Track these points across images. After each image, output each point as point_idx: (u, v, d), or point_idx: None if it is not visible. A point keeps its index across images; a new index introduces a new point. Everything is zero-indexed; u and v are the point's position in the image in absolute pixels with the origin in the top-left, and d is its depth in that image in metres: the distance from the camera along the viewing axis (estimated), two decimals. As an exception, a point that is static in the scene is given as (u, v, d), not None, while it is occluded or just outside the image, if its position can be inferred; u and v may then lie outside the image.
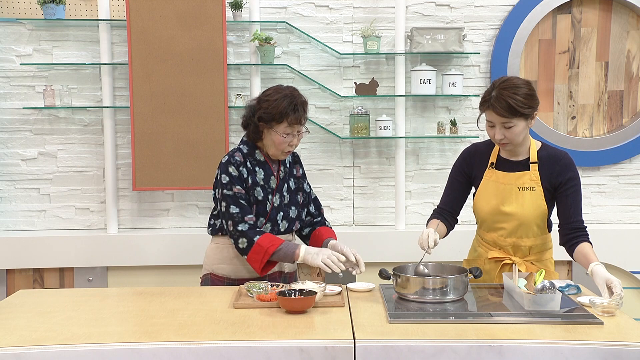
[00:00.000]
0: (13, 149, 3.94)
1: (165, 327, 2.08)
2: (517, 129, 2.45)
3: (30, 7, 3.86)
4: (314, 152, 4.01)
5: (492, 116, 2.45)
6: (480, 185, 2.62)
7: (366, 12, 3.96)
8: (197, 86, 3.74)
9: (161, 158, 3.77)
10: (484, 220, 2.63)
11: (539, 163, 2.54)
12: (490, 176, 2.60)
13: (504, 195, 2.55)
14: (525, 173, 2.54)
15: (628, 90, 4.04)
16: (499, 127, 2.46)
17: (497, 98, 2.41)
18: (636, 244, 3.90)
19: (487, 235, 2.63)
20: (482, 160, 2.64)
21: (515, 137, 2.46)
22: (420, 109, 4.02)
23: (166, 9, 3.71)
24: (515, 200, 2.53)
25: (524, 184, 2.53)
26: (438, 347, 1.92)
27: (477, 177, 2.64)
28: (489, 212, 2.59)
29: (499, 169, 2.58)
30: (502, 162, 2.59)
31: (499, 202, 2.56)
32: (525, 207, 2.52)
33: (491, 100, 2.43)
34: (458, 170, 2.70)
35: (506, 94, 2.40)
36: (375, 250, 3.82)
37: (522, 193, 2.53)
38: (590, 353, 1.91)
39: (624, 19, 3.98)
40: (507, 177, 2.56)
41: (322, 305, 2.29)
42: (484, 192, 2.60)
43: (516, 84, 2.44)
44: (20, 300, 2.46)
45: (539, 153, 2.55)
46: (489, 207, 2.58)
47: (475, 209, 2.65)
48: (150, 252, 3.82)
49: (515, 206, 2.53)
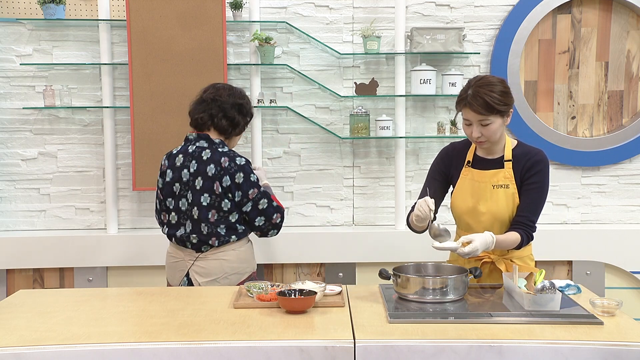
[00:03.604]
0: (13, 149, 3.94)
1: (165, 327, 2.08)
2: (493, 126, 2.48)
3: (30, 7, 3.86)
4: (314, 152, 4.01)
5: (469, 114, 2.49)
6: (457, 184, 2.66)
7: (366, 12, 3.96)
8: (197, 86, 3.70)
9: (161, 158, 3.75)
10: (461, 218, 2.65)
11: (513, 161, 2.56)
12: (466, 174, 2.63)
13: (479, 193, 2.57)
14: (499, 171, 2.56)
15: (628, 90, 4.04)
16: (476, 125, 2.49)
17: (474, 96, 2.45)
18: (636, 244, 3.90)
19: (465, 233, 2.64)
20: (460, 159, 2.67)
21: (492, 135, 2.49)
22: (420, 109, 4.02)
23: (166, 9, 3.72)
24: (490, 197, 2.55)
25: (498, 181, 2.55)
26: (438, 347, 1.92)
27: (455, 175, 2.67)
28: (465, 210, 2.61)
29: (475, 167, 2.61)
30: (478, 161, 2.62)
31: (474, 200, 2.58)
32: (500, 204, 2.54)
33: (468, 98, 2.47)
34: (436, 169, 2.72)
35: (482, 92, 2.44)
36: (375, 250, 3.82)
37: (497, 191, 2.55)
38: (590, 353, 1.91)
39: (624, 19, 3.98)
40: (482, 175, 2.58)
41: (322, 305, 2.29)
42: (460, 191, 2.63)
43: (491, 81, 2.48)
44: (20, 300, 2.45)
45: (513, 151, 2.58)
46: (465, 205, 2.61)
47: (452, 207, 2.68)
48: (150, 252, 3.82)
49: (489, 204, 2.55)
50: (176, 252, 2.89)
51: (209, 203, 2.78)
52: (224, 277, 2.83)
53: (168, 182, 2.86)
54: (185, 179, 2.81)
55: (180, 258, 2.87)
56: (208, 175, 2.77)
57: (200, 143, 2.84)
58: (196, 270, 2.83)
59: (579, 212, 4.08)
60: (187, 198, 2.81)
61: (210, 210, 2.78)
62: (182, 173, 2.82)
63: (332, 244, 3.85)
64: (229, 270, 2.84)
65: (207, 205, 2.78)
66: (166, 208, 2.89)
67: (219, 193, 2.77)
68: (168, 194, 2.87)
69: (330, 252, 3.85)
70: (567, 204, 4.07)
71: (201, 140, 2.84)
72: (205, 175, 2.78)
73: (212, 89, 2.89)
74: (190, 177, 2.80)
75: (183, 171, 2.82)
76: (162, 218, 2.94)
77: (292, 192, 4.02)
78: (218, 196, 2.77)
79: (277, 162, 3.98)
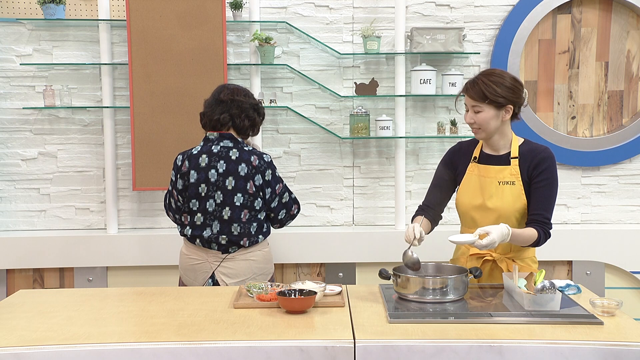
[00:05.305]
0: (13, 149, 3.94)
1: (165, 327, 2.08)
2: (484, 115, 2.50)
3: (30, 7, 3.86)
4: (314, 152, 4.01)
5: (466, 99, 2.56)
6: (463, 180, 2.66)
7: (366, 12, 3.96)
8: (197, 86, 3.75)
9: (161, 158, 3.77)
10: (466, 215, 2.65)
11: (520, 158, 2.57)
12: (472, 170, 2.64)
13: (485, 189, 2.58)
14: (505, 167, 2.57)
15: (628, 90, 4.04)
16: (470, 111, 2.54)
17: (473, 82, 2.52)
18: (636, 244, 3.90)
19: (469, 231, 2.63)
20: (467, 157, 2.68)
21: (483, 123, 2.51)
22: (420, 109, 4.02)
23: (166, 9, 3.72)
24: (496, 193, 2.55)
25: (504, 178, 2.56)
26: (438, 347, 1.92)
27: (461, 172, 2.68)
28: (470, 205, 2.61)
29: (481, 163, 2.62)
30: (485, 157, 2.63)
31: (480, 195, 2.58)
32: (505, 201, 2.54)
33: (468, 84, 2.54)
34: (444, 168, 2.73)
35: (481, 80, 2.50)
36: (375, 250, 3.82)
37: (502, 187, 2.55)
38: (590, 353, 1.91)
39: (624, 19, 3.98)
40: (488, 171, 2.59)
41: (322, 305, 2.29)
42: (467, 186, 2.64)
43: (499, 74, 2.52)
44: (20, 300, 2.45)
45: (520, 148, 2.59)
46: (470, 200, 2.61)
47: (457, 203, 2.68)
48: (150, 252, 3.82)
49: (495, 200, 2.55)
50: (197, 254, 2.87)
51: (242, 203, 2.80)
52: (252, 277, 2.84)
53: (193, 183, 2.82)
54: (214, 180, 2.80)
55: (202, 259, 2.86)
56: (240, 175, 2.78)
57: (224, 143, 2.84)
58: (223, 272, 2.83)
59: (579, 212, 4.08)
60: (214, 199, 2.80)
61: (243, 210, 2.80)
62: (210, 173, 2.81)
63: (332, 244, 3.85)
64: (257, 270, 2.86)
65: (240, 205, 2.80)
66: (189, 210, 2.86)
67: (253, 192, 2.80)
68: (192, 195, 2.83)
69: (330, 252, 3.85)
70: (567, 204, 4.07)
71: (225, 140, 2.84)
72: (237, 175, 2.78)
73: (227, 90, 2.88)
74: (220, 178, 2.79)
75: (210, 172, 2.81)
76: (182, 220, 2.90)
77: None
78: (251, 195, 2.80)
79: (277, 162, 3.98)
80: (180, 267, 2.95)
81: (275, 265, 3.89)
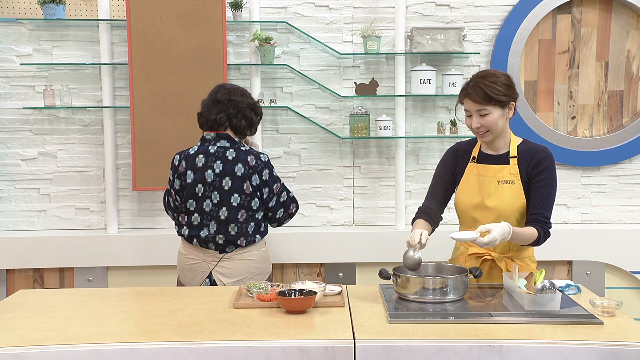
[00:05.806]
0: (13, 149, 3.94)
1: (165, 327, 2.08)
2: (492, 116, 2.49)
3: (30, 7, 3.86)
4: (314, 152, 4.01)
5: (468, 104, 2.53)
6: (462, 179, 2.66)
7: (366, 12, 3.96)
8: (197, 86, 3.74)
9: (161, 158, 3.77)
10: (465, 214, 2.65)
11: (519, 157, 2.57)
12: (471, 170, 2.64)
13: (484, 188, 2.58)
14: (504, 167, 2.57)
15: (628, 90, 4.04)
16: (475, 116, 2.52)
17: (474, 86, 2.50)
18: (636, 244, 3.90)
19: (468, 230, 2.63)
20: (465, 157, 2.68)
21: (491, 125, 2.50)
22: (420, 109, 4.02)
23: (166, 9, 3.72)
24: (495, 193, 2.55)
25: (503, 177, 2.56)
26: (438, 347, 1.92)
27: (460, 173, 2.68)
28: (469, 205, 2.61)
29: (480, 163, 2.62)
30: (483, 156, 2.63)
31: (479, 195, 2.58)
32: (504, 200, 2.54)
33: (468, 89, 2.52)
34: (443, 168, 2.73)
35: (482, 82, 2.49)
36: (375, 250, 3.82)
37: (502, 186, 2.55)
38: (590, 353, 1.91)
39: (624, 19, 3.98)
40: (487, 170, 2.59)
41: (322, 305, 2.29)
42: (465, 185, 2.63)
43: (492, 73, 2.52)
44: (20, 300, 2.46)
45: (519, 148, 2.59)
46: (469, 200, 2.61)
47: (456, 202, 2.68)
48: (150, 252, 3.82)
49: (494, 199, 2.55)
50: (194, 254, 2.88)
51: (239, 203, 2.80)
52: (249, 277, 2.84)
53: (190, 183, 2.83)
54: (210, 180, 2.80)
55: (200, 259, 2.86)
56: (237, 175, 2.78)
57: (221, 143, 2.84)
58: (220, 272, 2.83)
59: (579, 212, 4.08)
60: (211, 199, 2.80)
61: (240, 210, 2.81)
62: (206, 174, 2.81)
63: (332, 244, 3.85)
64: (255, 270, 2.86)
65: (237, 206, 2.80)
66: (186, 210, 2.86)
67: (250, 192, 2.80)
68: (189, 196, 2.84)
69: (330, 252, 3.85)
70: (567, 204, 4.07)
71: (222, 140, 2.84)
72: (233, 175, 2.78)
73: (223, 90, 2.89)
74: (216, 178, 2.80)
75: (207, 172, 2.81)
76: (180, 220, 2.91)
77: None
78: (248, 195, 2.80)
79: (277, 162, 3.98)
80: (178, 267, 2.96)
81: (275, 265, 3.90)
